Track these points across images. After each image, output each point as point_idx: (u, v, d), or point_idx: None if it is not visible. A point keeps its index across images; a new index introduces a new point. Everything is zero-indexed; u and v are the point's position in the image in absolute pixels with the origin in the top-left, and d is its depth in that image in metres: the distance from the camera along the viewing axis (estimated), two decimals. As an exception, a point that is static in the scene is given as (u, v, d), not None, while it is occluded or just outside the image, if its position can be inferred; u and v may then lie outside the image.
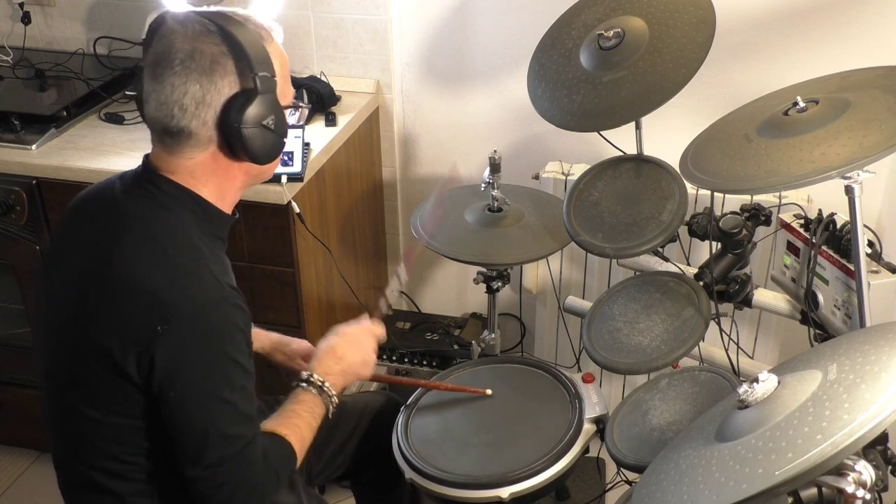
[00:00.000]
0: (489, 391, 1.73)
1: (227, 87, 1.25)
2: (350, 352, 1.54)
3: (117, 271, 1.24)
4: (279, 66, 1.31)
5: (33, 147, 2.14)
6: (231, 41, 1.25)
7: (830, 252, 1.54)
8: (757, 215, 1.69)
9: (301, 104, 1.41)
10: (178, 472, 1.27)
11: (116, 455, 1.31)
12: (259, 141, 1.28)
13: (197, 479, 1.27)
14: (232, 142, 1.27)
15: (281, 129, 1.31)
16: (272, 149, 1.32)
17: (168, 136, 1.28)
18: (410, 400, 1.76)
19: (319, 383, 1.47)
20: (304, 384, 1.46)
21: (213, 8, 1.32)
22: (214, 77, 1.24)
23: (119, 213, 1.29)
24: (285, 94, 1.34)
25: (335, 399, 1.48)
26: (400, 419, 1.71)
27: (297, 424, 1.40)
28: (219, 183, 1.33)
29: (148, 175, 1.31)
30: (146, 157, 1.33)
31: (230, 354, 1.25)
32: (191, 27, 1.26)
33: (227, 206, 1.38)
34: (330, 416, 1.48)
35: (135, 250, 1.25)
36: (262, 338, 1.69)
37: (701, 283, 1.65)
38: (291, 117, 1.39)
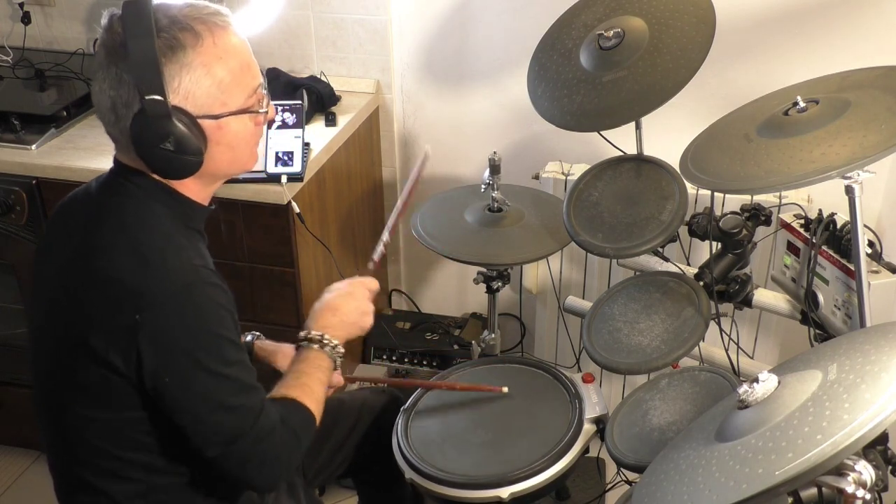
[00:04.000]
0: (505, 389, 1.71)
1: (132, 103, 1.22)
2: (344, 302, 1.52)
3: (93, 264, 1.24)
4: (205, 73, 1.23)
5: (33, 147, 2.14)
6: (124, 59, 1.19)
7: (830, 252, 1.54)
8: (757, 215, 1.69)
9: (258, 110, 1.31)
10: (200, 459, 1.27)
11: (110, 452, 1.30)
12: (162, 160, 1.24)
13: (220, 458, 1.26)
14: (139, 157, 1.25)
15: (188, 147, 1.23)
16: (179, 167, 1.26)
17: (109, 136, 1.30)
18: (411, 400, 1.76)
19: (318, 337, 1.45)
20: (304, 342, 1.45)
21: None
22: (121, 91, 1.22)
23: (92, 208, 1.30)
24: (224, 101, 1.26)
25: (340, 349, 1.46)
26: (400, 419, 1.71)
27: (306, 384, 1.39)
28: (173, 181, 1.31)
29: (119, 171, 1.32)
30: (115, 155, 1.34)
31: (216, 331, 1.24)
32: (107, 35, 1.23)
33: (198, 200, 1.36)
34: (337, 366, 1.46)
35: (107, 241, 1.25)
36: (270, 347, 1.69)
37: (701, 283, 1.65)
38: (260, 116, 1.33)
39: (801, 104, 1.41)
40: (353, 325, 1.52)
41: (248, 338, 1.69)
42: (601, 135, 1.78)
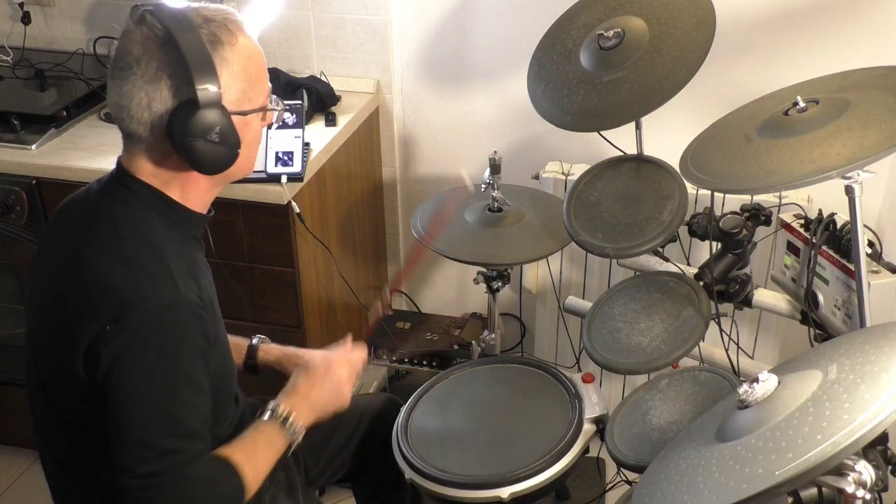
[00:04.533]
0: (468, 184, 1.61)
1: (172, 97, 1.22)
2: (315, 388, 1.48)
3: (81, 269, 1.24)
4: (240, 69, 1.26)
5: (33, 147, 2.14)
6: (174, 51, 1.20)
7: (830, 252, 1.54)
8: (757, 215, 1.69)
9: (275, 108, 1.35)
10: (112, 481, 1.22)
11: (91, 458, 1.30)
12: (204, 153, 1.24)
13: (128, 489, 1.21)
14: (177, 151, 1.25)
15: (230, 140, 1.25)
16: (219, 160, 1.27)
17: (125, 137, 1.29)
18: (410, 400, 1.76)
19: (283, 416, 1.41)
20: (269, 414, 1.42)
21: (186, 3, 1.27)
22: (160, 86, 1.22)
23: (91, 214, 1.30)
24: (251, 98, 1.29)
25: (299, 437, 1.42)
26: (400, 420, 1.71)
27: (252, 455, 1.35)
28: (182, 185, 1.31)
29: (119, 176, 1.31)
30: (119, 158, 1.33)
31: (177, 363, 1.22)
32: (143, 30, 1.23)
33: (197, 206, 1.35)
34: (288, 454, 1.43)
35: (98, 248, 1.25)
36: (275, 351, 1.67)
37: (701, 283, 1.65)
38: (271, 115, 1.35)
39: (801, 104, 1.41)
40: (324, 408, 1.48)
41: (254, 341, 1.68)
42: (601, 135, 1.78)
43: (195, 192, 1.33)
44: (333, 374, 1.51)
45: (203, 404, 1.27)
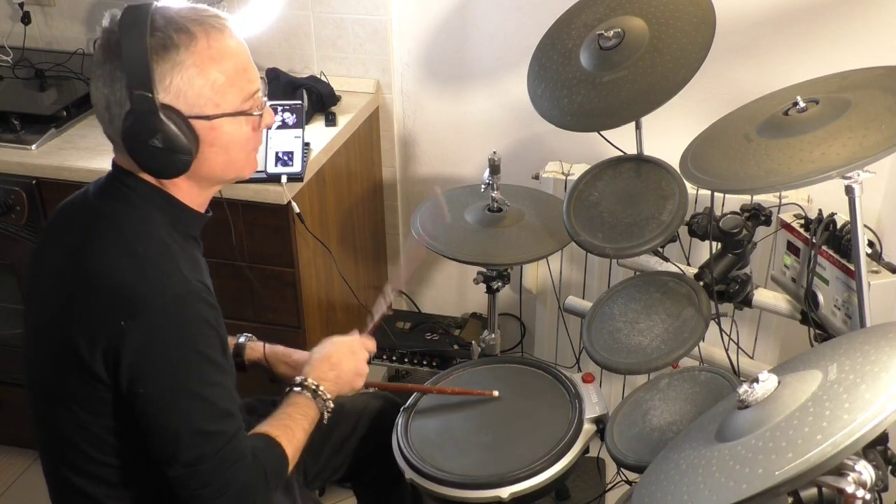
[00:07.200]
0: (496, 393, 1.72)
1: (124, 101, 1.22)
2: (345, 359, 1.53)
3: (87, 269, 1.24)
4: (198, 73, 1.22)
5: (33, 147, 2.14)
6: (118, 56, 1.20)
7: (830, 252, 1.54)
8: (757, 215, 1.69)
9: (252, 113, 1.30)
10: (160, 475, 1.25)
11: (93, 457, 1.30)
12: (150, 157, 1.23)
13: (179, 478, 1.24)
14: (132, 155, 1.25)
15: (177, 145, 1.22)
16: (168, 165, 1.25)
17: (106, 136, 1.30)
18: (410, 400, 1.76)
19: (314, 387, 1.46)
20: (298, 388, 1.45)
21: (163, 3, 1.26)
22: (114, 89, 1.22)
23: (90, 213, 1.30)
24: (217, 102, 1.25)
25: (330, 404, 1.47)
26: (400, 419, 1.71)
27: (289, 426, 1.39)
28: (170, 184, 1.31)
29: (117, 174, 1.32)
30: (114, 158, 1.33)
31: (198, 349, 1.23)
32: (105, 33, 1.24)
33: (193, 205, 1.35)
34: (325, 420, 1.47)
35: (103, 247, 1.25)
36: (262, 349, 1.68)
37: (701, 283, 1.65)
38: (257, 119, 1.32)
39: (801, 104, 1.41)
40: (346, 384, 1.53)
41: (241, 339, 1.68)
42: (601, 135, 1.78)
43: (182, 192, 1.33)
44: (359, 353, 1.57)
45: (229, 384, 1.30)
